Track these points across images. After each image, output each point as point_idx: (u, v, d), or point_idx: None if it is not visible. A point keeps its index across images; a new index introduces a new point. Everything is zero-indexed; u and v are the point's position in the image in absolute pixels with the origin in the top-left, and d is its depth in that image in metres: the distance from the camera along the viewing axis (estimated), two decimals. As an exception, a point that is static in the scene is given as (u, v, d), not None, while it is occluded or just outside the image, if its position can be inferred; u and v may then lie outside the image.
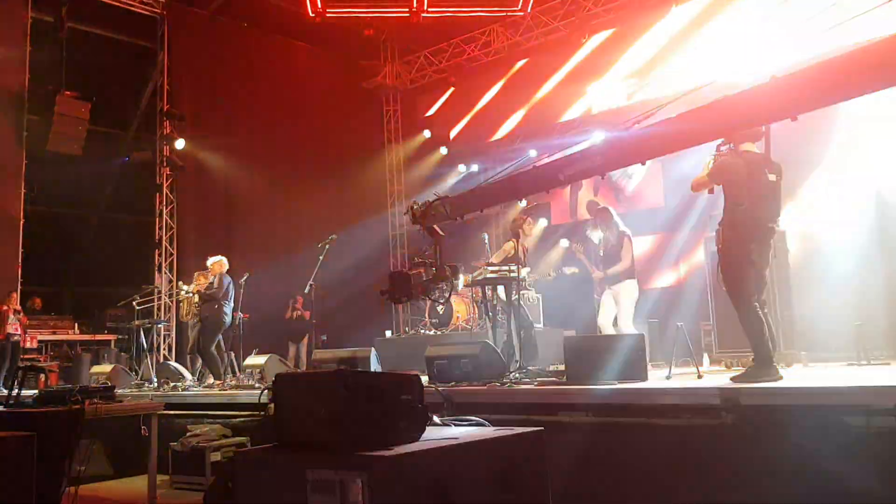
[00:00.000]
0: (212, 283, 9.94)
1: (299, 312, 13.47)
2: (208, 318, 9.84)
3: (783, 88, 3.61)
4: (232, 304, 10.02)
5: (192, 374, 10.09)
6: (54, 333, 12.34)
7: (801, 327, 7.54)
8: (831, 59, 3.50)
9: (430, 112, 16.49)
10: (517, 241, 8.40)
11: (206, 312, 9.89)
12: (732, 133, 3.76)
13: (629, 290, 8.01)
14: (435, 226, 5.64)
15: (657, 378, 6.26)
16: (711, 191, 5.71)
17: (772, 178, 5.44)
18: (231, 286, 10.03)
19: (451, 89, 15.94)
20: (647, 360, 6.52)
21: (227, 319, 9.92)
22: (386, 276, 5.99)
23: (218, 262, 10.21)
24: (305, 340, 13.30)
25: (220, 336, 10.09)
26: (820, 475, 4.30)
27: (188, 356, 10.57)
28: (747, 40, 10.86)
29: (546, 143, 11.64)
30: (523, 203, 14.18)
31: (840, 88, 3.52)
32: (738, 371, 7.52)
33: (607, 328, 8.00)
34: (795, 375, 6.33)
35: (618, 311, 8.00)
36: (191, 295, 10.16)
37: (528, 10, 13.82)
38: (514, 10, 13.95)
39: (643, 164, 4.58)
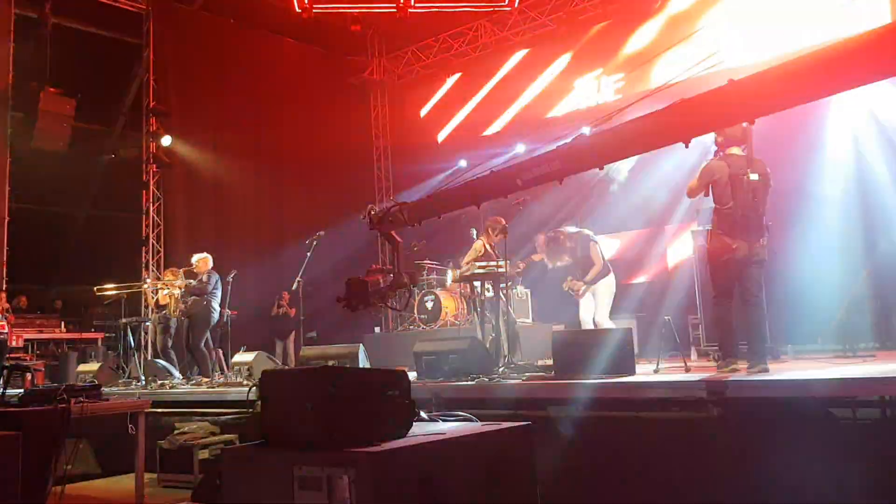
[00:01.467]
0: (201, 279, 9.93)
1: (284, 309, 13.45)
2: (197, 314, 9.84)
3: (741, 91, 3.63)
4: (220, 300, 10.02)
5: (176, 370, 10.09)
6: (40, 332, 12.26)
7: (786, 320, 7.57)
8: (786, 63, 3.51)
9: (424, 111, 16.43)
10: (486, 238, 8.46)
11: (195, 309, 9.89)
12: (689, 138, 3.77)
13: (606, 285, 8.17)
14: (392, 232, 5.62)
15: (645, 372, 6.28)
16: (707, 194, 5.89)
17: (754, 177, 5.63)
18: (219, 282, 10.02)
19: (446, 84, 15.90)
20: (635, 353, 6.54)
21: (216, 315, 9.92)
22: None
23: (203, 260, 10.20)
24: (292, 337, 13.28)
25: (209, 333, 10.09)
26: (806, 467, 4.33)
27: (170, 352, 10.52)
28: (736, 36, 10.92)
29: (535, 140, 11.66)
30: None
31: (798, 91, 3.54)
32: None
33: (588, 323, 8.11)
34: (782, 368, 6.37)
35: (596, 305, 8.11)
36: (176, 291, 10.12)
37: (516, 4, 13.81)
38: (502, 5, 13.92)
39: (601, 168, 4.59)
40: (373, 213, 5.82)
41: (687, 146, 3.82)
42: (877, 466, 4.21)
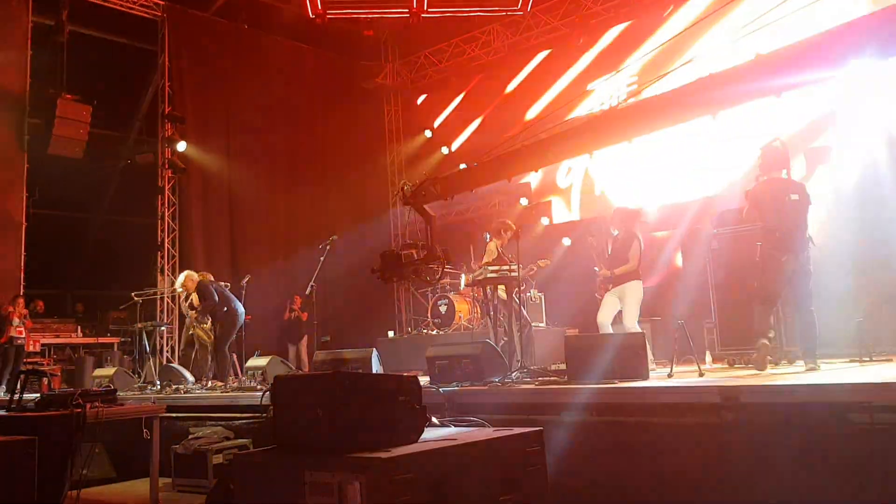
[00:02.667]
0: (203, 298, 9.89)
1: (296, 313, 13.48)
2: (222, 324, 9.89)
3: (767, 65, 3.64)
4: (235, 301, 10.02)
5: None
6: (57, 337, 12.36)
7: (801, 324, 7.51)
8: (811, 37, 3.52)
9: (437, 122, 16.43)
10: (500, 242, 8.40)
11: (218, 320, 9.93)
12: (716, 110, 3.81)
13: (634, 290, 7.87)
14: (426, 206, 5.66)
15: (658, 376, 6.25)
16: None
17: (794, 197, 6.20)
18: (219, 288, 9.99)
19: (460, 97, 15.91)
20: (649, 358, 6.50)
21: (240, 319, 9.96)
22: (386, 284, 6.01)
23: (188, 278, 10.14)
24: (304, 341, 13.30)
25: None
26: (822, 472, 4.29)
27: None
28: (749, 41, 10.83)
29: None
30: (524, 202, 14.30)
31: (824, 62, 3.54)
32: (740, 367, 7.56)
33: (606, 327, 7.85)
34: (797, 372, 6.32)
35: (624, 312, 7.85)
36: (191, 312, 10.13)
37: (528, 9, 13.80)
38: (514, 10, 13.91)
39: (630, 141, 4.63)
40: (406, 188, 5.85)
41: (714, 118, 3.89)
42: (894, 471, 4.17)
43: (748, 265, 7.92)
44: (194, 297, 10.24)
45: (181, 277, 10.27)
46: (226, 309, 9.87)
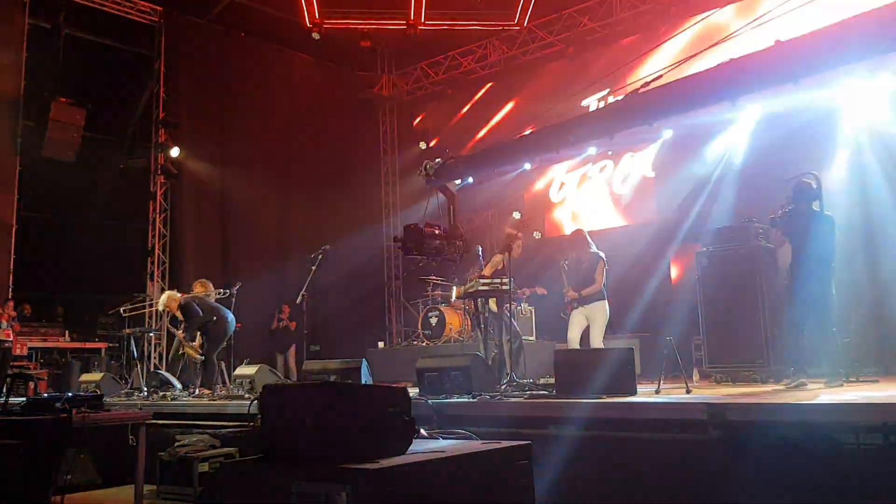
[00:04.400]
0: (188, 317, 9.76)
1: (285, 322, 13.44)
2: (211, 335, 9.85)
3: (786, 52, 3.70)
4: (223, 309, 9.99)
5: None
6: (44, 341, 12.28)
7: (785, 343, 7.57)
8: (831, 25, 3.58)
9: (433, 134, 16.47)
10: (508, 255, 8.40)
11: (207, 332, 9.90)
12: (736, 96, 3.88)
13: (602, 310, 8.11)
14: (448, 184, 5.73)
15: (646, 392, 6.27)
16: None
17: (824, 228, 6.71)
18: (202, 303, 9.90)
19: (457, 109, 15.97)
20: (637, 373, 6.53)
21: (230, 327, 9.92)
22: (377, 289, 6.08)
23: (170, 299, 9.97)
24: (292, 350, 13.27)
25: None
26: (807, 492, 4.31)
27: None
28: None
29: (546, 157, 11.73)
30: (517, 215, 14.34)
31: (843, 51, 3.60)
32: (728, 385, 7.61)
33: (575, 343, 8.11)
34: (783, 391, 6.36)
35: (592, 331, 8.10)
36: (178, 332, 10.03)
37: (525, 24, 13.91)
38: (511, 25, 14.04)
39: (651, 125, 4.70)
40: (429, 167, 5.88)
41: (734, 105, 3.93)
42: (877, 492, 4.19)
43: (736, 283, 8.00)
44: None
45: (163, 298, 10.08)
46: (214, 318, 9.82)
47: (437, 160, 6.60)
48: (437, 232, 6.09)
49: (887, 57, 6.59)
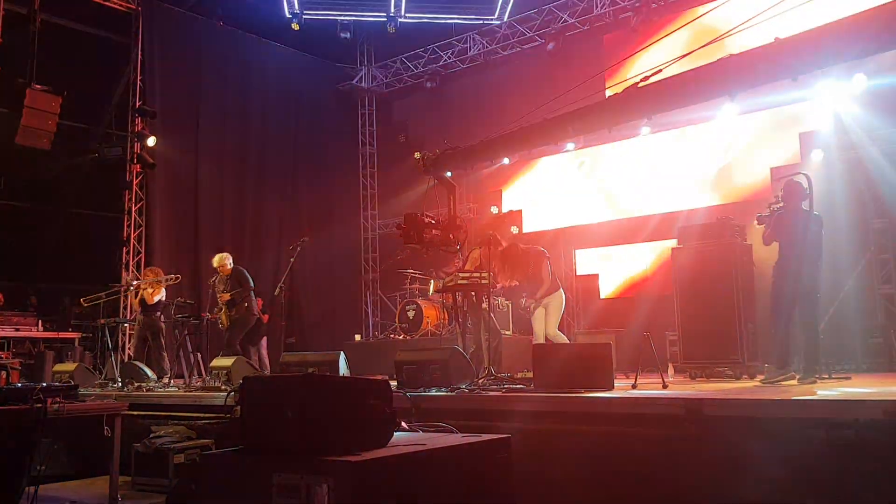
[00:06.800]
0: (240, 283, 9.84)
1: (258, 315, 13.34)
2: (238, 318, 9.89)
3: (785, 48, 3.75)
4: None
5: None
6: (17, 330, 12.11)
7: (764, 339, 7.68)
8: (831, 22, 3.63)
9: (412, 126, 16.44)
10: (489, 250, 8.44)
11: (238, 314, 9.89)
12: (735, 91, 3.93)
13: (556, 299, 8.26)
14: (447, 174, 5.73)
15: (623, 387, 6.33)
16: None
17: (814, 227, 6.80)
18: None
19: (433, 94, 15.95)
20: (614, 368, 6.59)
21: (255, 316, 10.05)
22: (353, 282, 6.10)
23: (227, 258, 10.07)
24: (264, 342, 13.18)
25: (188, 336, 10.05)
26: (780, 486, 4.38)
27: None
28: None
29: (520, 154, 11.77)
30: (495, 210, 14.37)
31: (842, 48, 3.66)
32: (702, 380, 7.70)
33: (540, 336, 8.24)
34: (758, 387, 6.45)
35: (547, 320, 8.25)
36: (222, 294, 9.98)
37: (505, 18, 13.92)
38: (491, 19, 14.05)
39: (649, 119, 4.74)
40: (426, 157, 5.86)
41: (732, 100, 3.96)
42: (849, 488, 4.27)
43: (712, 280, 8.10)
44: (144, 294, 10.20)
45: (219, 257, 10.14)
46: (246, 304, 9.93)
47: (436, 151, 6.59)
48: (434, 222, 6.12)
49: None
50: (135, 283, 10.69)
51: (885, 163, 9.64)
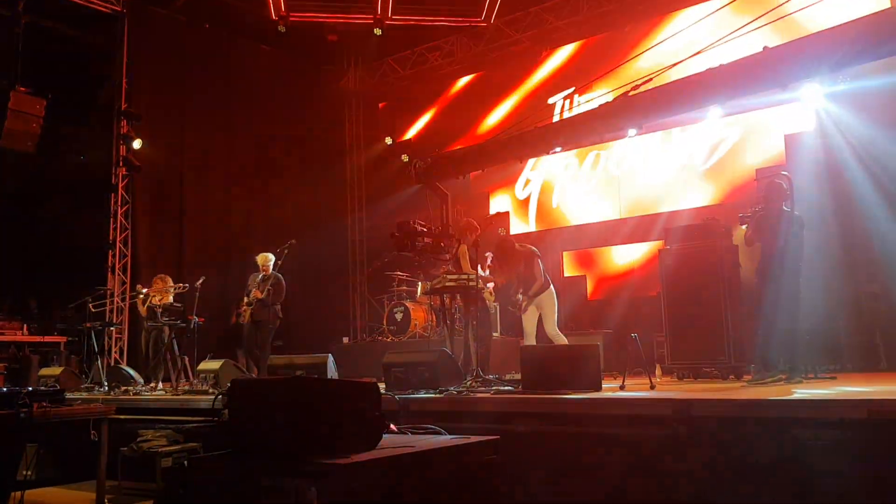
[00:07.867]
0: (276, 288, 9.89)
1: (244, 318, 13.27)
2: (265, 320, 9.92)
3: (774, 57, 3.80)
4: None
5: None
6: (2, 334, 12.01)
7: (750, 340, 7.72)
8: (819, 31, 3.68)
9: (399, 129, 16.44)
10: (469, 246, 8.45)
11: (263, 316, 9.88)
12: (727, 100, 3.97)
13: (548, 298, 8.35)
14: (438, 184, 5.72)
15: (611, 388, 6.35)
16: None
17: (794, 228, 6.83)
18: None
19: (423, 104, 15.98)
20: (602, 370, 6.61)
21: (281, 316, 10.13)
22: (341, 284, 6.10)
23: (272, 260, 10.08)
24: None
25: (175, 340, 10.00)
26: (767, 486, 4.41)
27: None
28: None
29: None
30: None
31: (831, 56, 3.71)
32: (690, 381, 7.74)
33: (531, 335, 8.31)
34: (745, 387, 6.49)
35: (544, 320, 8.31)
36: (255, 292, 10.02)
37: (492, 20, 13.94)
38: (478, 21, 14.06)
39: (640, 128, 4.77)
40: (417, 165, 5.83)
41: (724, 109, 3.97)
42: (836, 487, 4.30)
43: (698, 281, 8.14)
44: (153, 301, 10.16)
45: (263, 256, 10.22)
46: (276, 306, 10.00)
47: (427, 159, 6.55)
48: (426, 230, 6.11)
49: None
50: (144, 290, 10.59)
51: (869, 163, 9.73)
